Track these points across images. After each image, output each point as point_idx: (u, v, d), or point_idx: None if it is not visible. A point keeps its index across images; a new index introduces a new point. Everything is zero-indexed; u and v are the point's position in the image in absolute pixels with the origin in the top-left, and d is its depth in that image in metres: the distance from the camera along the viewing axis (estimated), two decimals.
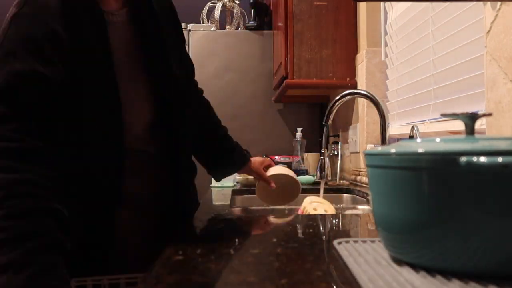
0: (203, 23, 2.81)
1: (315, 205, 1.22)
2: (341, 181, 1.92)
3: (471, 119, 0.51)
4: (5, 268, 0.65)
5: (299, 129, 2.34)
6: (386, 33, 1.78)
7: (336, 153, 2.02)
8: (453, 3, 1.21)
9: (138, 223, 0.94)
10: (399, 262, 0.52)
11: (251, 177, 1.83)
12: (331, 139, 2.21)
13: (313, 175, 2.00)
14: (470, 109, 1.12)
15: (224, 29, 2.78)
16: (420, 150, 0.46)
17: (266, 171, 1.28)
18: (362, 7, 1.90)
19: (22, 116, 0.75)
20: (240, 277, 0.51)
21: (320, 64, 1.96)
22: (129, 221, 0.92)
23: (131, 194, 0.90)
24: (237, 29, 2.78)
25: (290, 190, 1.31)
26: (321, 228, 0.85)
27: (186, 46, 2.55)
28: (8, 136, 0.73)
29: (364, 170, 1.84)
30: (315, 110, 2.66)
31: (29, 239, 0.68)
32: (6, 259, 0.66)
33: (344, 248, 0.61)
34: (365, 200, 1.54)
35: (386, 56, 1.78)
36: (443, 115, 0.54)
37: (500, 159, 0.40)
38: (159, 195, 0.97)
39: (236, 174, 1.88)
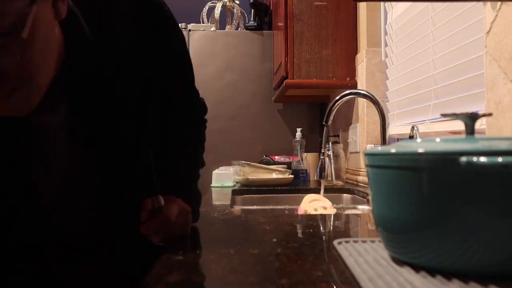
0: (203, 23, 2.81)
1: (315, 205, 1.22)
2: (340, 181, 1.92)
3: (471, 119, 0.51)
4: None
5: (298, 129, 2.34)
6: (386, 33, 1.78)
7: (335, 153, 2.02)
8: (453, 3, 1.21)
9: None
10: (399, 262, 0.52)
11: (251, 177, 1.84)
12: (331, 139, 2.21)
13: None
14: (470, 109, 1.12)
15: (224, 29, 2.78)
16: (420, 150, 0.46)
17: None
18: (362, 7, 1.90)
19: None
20: (240, 277, 0.51)
21: (320, 64, 1.97)
22: None
23: None
24: (237, 29, 2.78)
25: None
26: (321, 228, 0.85)
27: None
28: None
29: (364, 170, 1.84)
30: (315, 110, 2.66)
31: None
32: None
33: (344, 248, 0.61)
34: (365, 200, 1.54)
35: (386, 56, 1.78)
36: (443, 115, 0.54)
37: (500, 159, 0.40)
38: None
39: (235, 174, 1.89)
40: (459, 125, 1.15)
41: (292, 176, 1.93)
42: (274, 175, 1.90)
